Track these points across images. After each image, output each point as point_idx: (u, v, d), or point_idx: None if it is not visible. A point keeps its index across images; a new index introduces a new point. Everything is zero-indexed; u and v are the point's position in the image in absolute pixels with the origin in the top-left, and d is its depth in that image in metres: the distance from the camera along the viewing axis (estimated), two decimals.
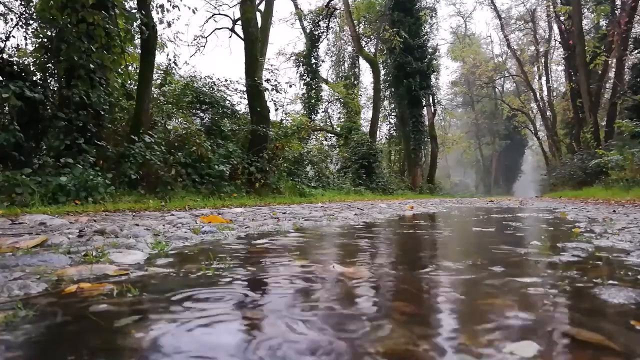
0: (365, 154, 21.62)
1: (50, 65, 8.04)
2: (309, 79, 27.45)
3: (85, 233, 2.63)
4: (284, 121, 16.83)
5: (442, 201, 14.28)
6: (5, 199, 5.52)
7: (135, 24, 9.03)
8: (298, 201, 11.18)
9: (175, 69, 14.38)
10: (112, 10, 8.25)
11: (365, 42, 29.08)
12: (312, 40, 28.07)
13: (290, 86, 19.27)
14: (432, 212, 6.56)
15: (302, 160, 16.76)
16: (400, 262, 1.86)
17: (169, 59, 15.04)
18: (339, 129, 27.04)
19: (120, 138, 9.07)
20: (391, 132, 32.04)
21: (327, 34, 29.62)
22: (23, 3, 8.67)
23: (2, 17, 8.67)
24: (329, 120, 30.50)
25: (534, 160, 59.87)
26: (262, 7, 17.64)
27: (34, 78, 7.95)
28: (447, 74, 62.69)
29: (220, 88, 14.60)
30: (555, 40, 33.09)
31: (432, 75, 29.89)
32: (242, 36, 14.35)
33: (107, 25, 7.89)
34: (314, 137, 24.49)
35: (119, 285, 1.26)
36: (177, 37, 20.65)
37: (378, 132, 29.19)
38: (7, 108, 7.17)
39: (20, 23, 8.58)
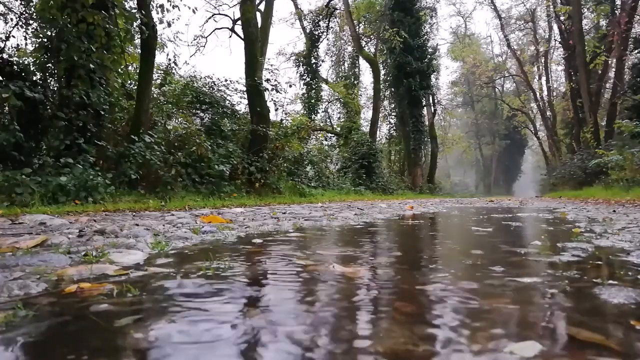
0: (365, 154, 21.62)
1: (50, 65, 8.04)
2: (309, 79, 27.44)
3: (85, 233, 2.63)
4: (284, 121, 16.84)
5: (442, 201, 14.28)
6: (5, 199, 5.52)
7: (135, 24, 9.03)
8: (298, 201, 11.18)
9: (175, 69, 14.39)
10: (112, 10, 8.24)
11: (365, 42, 29.06)
12: (312, 40, 28.06)
13: (290, 86, 19.33)
14: (432, 212, 6.56)
15: (302, 160, 16.75)
16: (401, 262, 1.86)
17: (169, 59, 15.05)
18: (339, 129, 27.04)
19: (120, 138, 9.07)
20: (391, 132, 32.03)
21: (327, 34, 29.65)
22: (23, 3, 8.68)
23: (2, 17, 8.68)
24: (329, 120, 30.50)
25: (534, 160, 59.88)
26: (262, 7, 17.63)
27: (34, 78, 7.94)
28: (447, 74, 62.70)
29: (220, 88, 14.61)
30: (555, 40, 33.12)
31: (432, 75, 29.91)
32: (242, 36, 14.35)
33: (107, 25, 7.89)
34: (314, 137, 24.47)
35: (119, 285, 1.26)
36: (177, 37, 20.61)
37: (378, 132, 29.22)
38: (7, 108, 7.17)
39: (20, 23, 8.58)
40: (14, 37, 8.53)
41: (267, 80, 14.02)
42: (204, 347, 0.81)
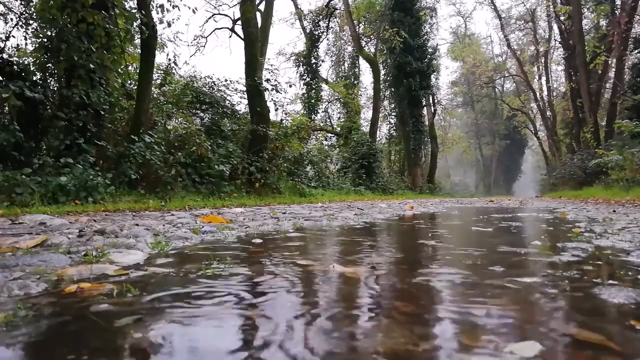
0: (365, 154, 21.62)
1: (50, 65, 8.03)
2: (309, 79, 27.43)
3: (85, 233, 2.63)
4: (284, 121, 16.84)
5: (442, 201, 14.27)
6: (5, 199, 5.52)
7: (135, 24, 9.03)
8: (298, 201, 11.18)
9: (175, 69, 14.38)
10: (112, 10, 8.24)
11: (365, 42, 29.05)
12: (312, 40, 28.05)
13: (290, 86, 19.33)
14: (432, 212, 6.56)
15: (302, 160, 16.74)
16: (400, 262, 1.86)
17: (169, 59, 15.03)
18: (339, 129, 27.04)
19: (120, 138, 9.06)
20: (391, 132, 32.02)
21: (327, 34, 29.62)
22: (23, 3, 8.67)
23: (2, 17, 8.68)
24: (329, 120, 30.49)
25: (534, 160, 59.88)
26: (262, 7, 17.63)
27: (34, 78, 7.94)
28: (447, 74, 62.61)
29: (220, 88, 14.61)
30: (555, 40, 33.11)
31: (432, 75, 29.91)
32: (242, 36, 14.35)
33: (107, 25, 7.89)
34: (314, 137, 24.46)
35: (119, 285, 1.26)
36: (177, 37, 20.57)
37: (378, 132, 29.20)
38: (7, 108, 7.17)
39: (20, 23, 8.58)
40: (14, 37, 8.54)
41: (267, 80, 14.03)
42: (203, 347, 0.81)
